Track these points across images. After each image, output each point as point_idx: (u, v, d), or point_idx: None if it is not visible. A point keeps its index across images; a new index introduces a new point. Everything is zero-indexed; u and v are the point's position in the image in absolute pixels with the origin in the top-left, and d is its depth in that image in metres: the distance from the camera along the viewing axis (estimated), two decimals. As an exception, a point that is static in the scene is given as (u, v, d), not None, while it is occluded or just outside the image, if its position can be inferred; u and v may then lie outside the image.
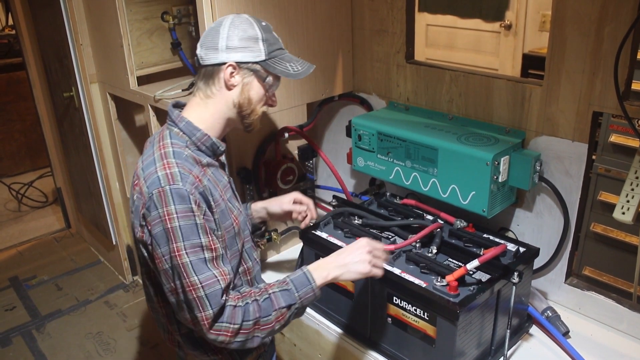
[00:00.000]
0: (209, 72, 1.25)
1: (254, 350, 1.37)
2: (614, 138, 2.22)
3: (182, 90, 2.07)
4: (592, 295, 1.58)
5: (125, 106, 2.57)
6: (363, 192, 2.00)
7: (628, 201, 1.45)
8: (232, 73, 1.23)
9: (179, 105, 1.32)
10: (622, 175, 2.19)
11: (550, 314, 1.54)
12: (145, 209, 1.16)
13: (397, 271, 1.39)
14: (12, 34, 4.52)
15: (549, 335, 1.53)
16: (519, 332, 1.52)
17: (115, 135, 2.59)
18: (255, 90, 1.27)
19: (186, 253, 1.12)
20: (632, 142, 2.16)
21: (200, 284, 1.12)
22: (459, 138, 1.61)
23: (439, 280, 1.32)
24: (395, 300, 1.38)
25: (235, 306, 1.15)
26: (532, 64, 3.23)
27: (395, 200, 1.76)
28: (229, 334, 1.14)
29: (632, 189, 1.45)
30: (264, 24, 1.27)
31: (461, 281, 1.31)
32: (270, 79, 1.27)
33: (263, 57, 1.24)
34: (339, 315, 1.61)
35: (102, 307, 2.90)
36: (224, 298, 1.14)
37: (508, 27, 3.44)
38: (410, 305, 1.35)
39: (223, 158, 1.39)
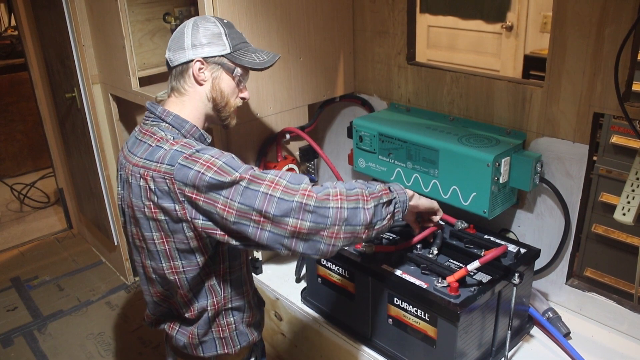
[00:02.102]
0: (179, 71, 1.29)
1: (250, 336, 1.37)
2: (615, 139, 2.22)
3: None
4: (593, 296, 1.58)
5: (127, 107, 2.57)
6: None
7: (629, 202, 1.46)
8: (200, 68, 1.27)
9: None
10: (623, 176, 2.19)
11: (551, 315, 1.54)
12: (178, 182, 1.12)
13: (398, 272, 1.40)
14: (15, 34, 4.54)
15: (550, 337, 1.53)
16: (519, 333, 1.52)
17: (117, 136, 2.60)
18: (226, 82, 1.30)
19: (244, 176, 1.10)
20: (633, 143, 2.16)
21: (276, 176, 1.12)
22: (460, 139, 1.61)
23: (439, 281, 1.32)
24: (396, 301, 1.38)
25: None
26: (533, 65, 3.23)
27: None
28: (338, 197, 1.11)
29: (633, 190, 1.45)
30: (225, 21, 1.32)
31: (462, 282, 1.31)
32: (238, 70, 1.31)
33: (228, 50, 1.29)
34: (339, 316, 1.61)
35: (103, 307, 2.90)
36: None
37: (509, 29, 3.44)
38: (411, 306, 1.35)
39: None
